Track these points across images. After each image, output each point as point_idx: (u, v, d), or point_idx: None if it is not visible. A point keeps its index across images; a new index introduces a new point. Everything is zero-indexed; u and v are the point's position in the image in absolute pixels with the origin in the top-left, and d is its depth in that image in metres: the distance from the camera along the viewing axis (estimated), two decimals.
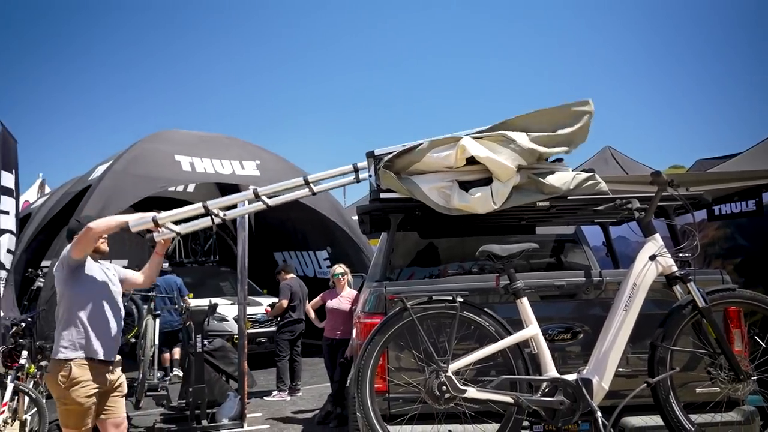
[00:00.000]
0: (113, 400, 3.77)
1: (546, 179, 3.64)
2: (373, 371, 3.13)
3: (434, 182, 3.66)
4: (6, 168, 8.02)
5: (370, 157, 3.85)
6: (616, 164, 10.01)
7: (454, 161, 3.55)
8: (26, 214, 12.81)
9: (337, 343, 6.74)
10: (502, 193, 3.56)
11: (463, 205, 3.57)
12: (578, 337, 3.58)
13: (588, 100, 3.78)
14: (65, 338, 3.60)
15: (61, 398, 3.56)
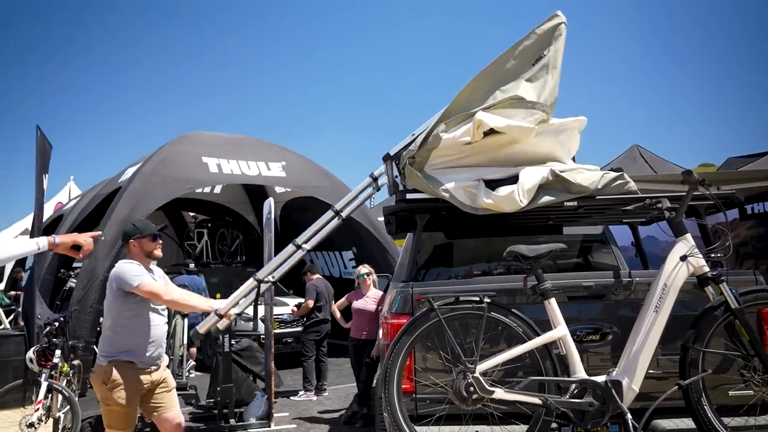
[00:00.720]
0: (160, 396, 3.84)
1: (574, 178, 3.60)
2: (400, 372, 3.13)
3: (460, 181, 3.64)
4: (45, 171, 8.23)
5: (387, 159, 3.85)
6: (644, 163, 9.88)
7: (472, 137, 3.54)
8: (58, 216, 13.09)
9: (363, 344, 6.76)
10: (529, 191, 3.54)
11: (490, 204, 3.55)
12: (607, 339, 3.54)
13: (556, 13, 3.74)
14: (109, 343, 3.70)
15: (105, 399, 3.66)
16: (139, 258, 3.82)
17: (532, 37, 3.73)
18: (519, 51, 3.71)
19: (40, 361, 5.63)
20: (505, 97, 3.63)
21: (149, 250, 3.84)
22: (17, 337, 7.60)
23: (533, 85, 3.71)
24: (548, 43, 3.73)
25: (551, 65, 3.72)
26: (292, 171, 10.85)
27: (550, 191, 3.63)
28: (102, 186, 11.76)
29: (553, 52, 3.70)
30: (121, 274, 3.65)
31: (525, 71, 3.70)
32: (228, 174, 10.33)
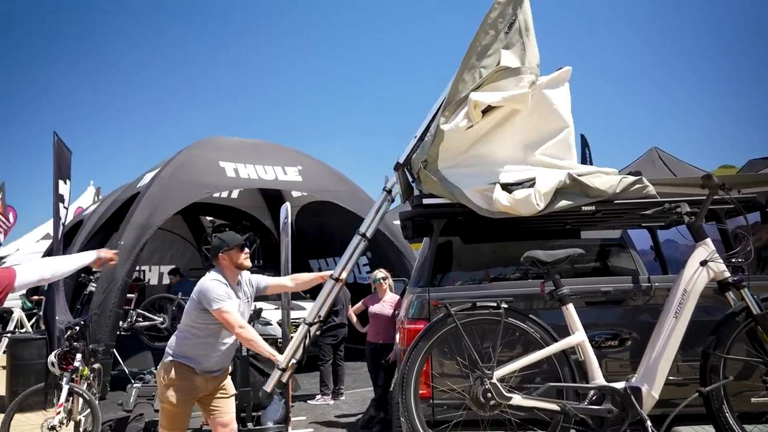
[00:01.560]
0: (218, 402, 3.92)
1: (591, 182, 3.58)
2: (417, 377, 3.13)
3: (476, 185, 3.64)
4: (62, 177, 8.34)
5: (399, 168, 3.85)
6: (663, 165, 9.79)
7: (472, 118, 3.54)
8: (79, 221, 13.25)
9: (380, 348, 6.75)
10: (546, 195, 3.52)
11: (507, 207, 3.54)
12: (626, 344, 3.51)
13: None
14: (177, 345, 3.80)
15: (160, 396, 3.79)
16: (229, 270, 3.87)
17: (497, 7, 3.74)
18: (488, 24, 3.72)
19: (61, 365, 5.69)
20: (489, 72, 3.64)
21: (238, 262, 3.88)
22: (39, 341, 7.71)
23: (512, 51, 3.72)
24: (513, 8, 3.75)
25: (523, 28, 3.74)
26: (308, 175, 10.89)
27: (568, 195, 3.60)
28: (121, 191, 11.89)
29: (522, 15, 3.74)
30: (206, 291, 3.69)
31: (500, 41, 3.71)
32: (245, 178, 10.39)
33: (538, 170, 3.68)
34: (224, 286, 3.73)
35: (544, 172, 3.64)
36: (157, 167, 10.54)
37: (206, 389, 3.83)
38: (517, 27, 3.73)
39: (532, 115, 3.72)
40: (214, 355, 3.81)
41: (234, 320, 3.64)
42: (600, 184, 3.58)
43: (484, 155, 3.71)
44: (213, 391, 3.88)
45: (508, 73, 3.60)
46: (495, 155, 3.72)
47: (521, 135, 3.76)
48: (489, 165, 3.68)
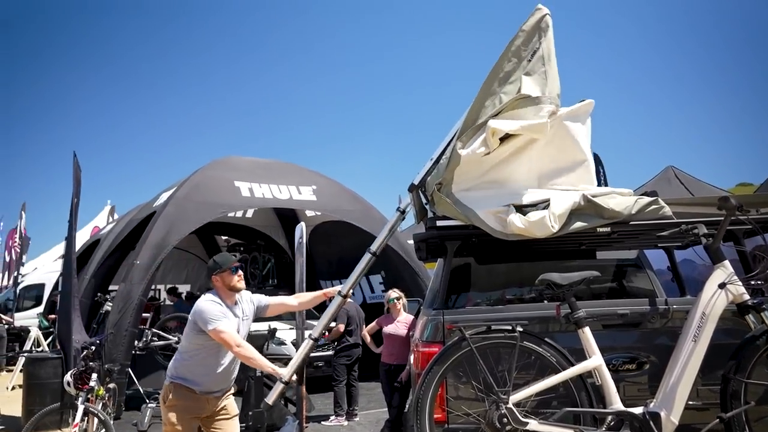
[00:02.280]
0: (220, 423, 3.92)
1: (606, 203, 3.56)
2: (432, 401, 3.11)
3: (490, 206, 3.63)
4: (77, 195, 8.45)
5: (413, 190, 3.84)
6: (679, 184, 9.71)
7: (490, 145, 3.52)
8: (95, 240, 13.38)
9: (394, 369, 6.72)
10: (561, 217, 3.50)
11: (521, 230, 3.52)
12: (644, 368, 3.45)
13: (537, 6, 3.77)
14: (176, 367, 3.84)
15: (163, 418, 3.82)
16: (223, 292, 3.93)
17: (521, 35, 3.73)
18: (512, 51, 3.71)
19: (77, 385, 5.71)
20: (509, 99, 3.64)
21: (230, 284, 3.93)
22: (55, 360, 7.74)
23: (534, 79, 3.70)
24: (538, 36, 3.75)
25: (546, 56, 3.73)
26: (322, 195, 10.94)
27: (582, 217, 3.58)
28: (137, 211, 12.01)
29: (545, 43, 3.73)
30: (201, 312, 3.74)
31: (522, 68, 3.72)
32: (260, 198, 10.46)
33: (553, 192, 3.66)
34: (219, 306, 3.78)
35: (558, 194, 3.62)
36: (172, 187, 10.64)
37: (208, 410, 3.84)
38: (540, 55, 3.73)
39: (550, 145, 3.71)
40: (214, 375, 3.83)
41: (230, 339, 3.66)
42: (615, 205, 3.55)
43: (499, 180, 3.70)
44: (215, 412, 3.89)
45: (529, 101, 3.59)
46: (510, 181, 3.71)
47: (538, 164, 3.75)
48: (503, 189, 3.67)
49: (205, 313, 3.70)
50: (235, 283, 3.94)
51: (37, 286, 17.25)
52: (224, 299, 3.89)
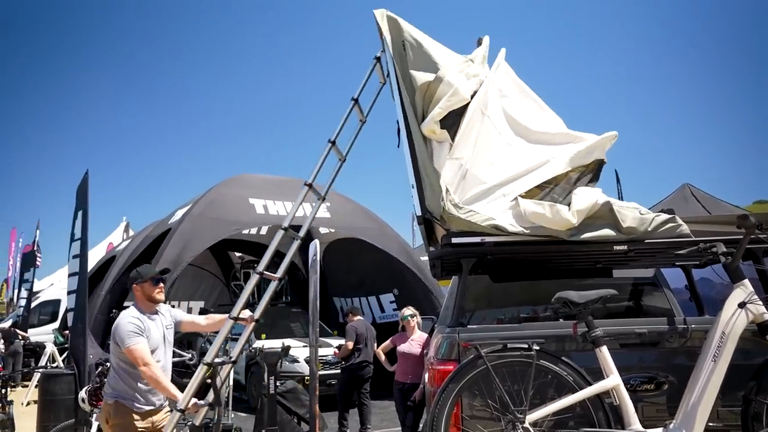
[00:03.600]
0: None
1: (625, 217, 3.53)
2: (447, 420, 3.08)
3: (500, 206, 3.67)
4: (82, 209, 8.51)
5: (423, 222, 3.86)
6: (696, 202, 9.62)
7: (440, 137, 3.81)
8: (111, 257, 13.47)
9: (408, 388, 6.66)
10: (580, 213, 3.49)
11: (538, 216, 3.53)
12: (663, 388, 3.40)
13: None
14: (113, 384, 3.91)
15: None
16: (142, 302, 4.01)
17: (381, 55, 4.24)
18: (399, 73, 4.04)
19: (91, 401, 5.71)
20: (420, 101, 3.93)
21: (150, 294, 4.01)
22: (69, 376, 7.77)
23: (422, 69, 3.93)
24: (391, 41, 4.07)
25: (415, 43, 4.04)
26: (336, 212, 10.97)
27: (598, 225, 3.56)
28: (153, 227, 12.09)
29: (407, 35, 4.04)
30: (116, 330, 3.83)
31: (404, 70, 4.01)
32: (274, 215, 10.50)
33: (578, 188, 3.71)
34: (136, 321, 3.84)
35: (583, 190, 3.65)
36: (187, 204, 10.72)
37: (146, 426, 3.87)
38: (411, 46, 3.94)
39: (496, 107, 3.91)
40: (146, 389, 3.87)
41: (140, 357, 3.71)
42: (632, 221, 3.53)
43: (489, 173, 3.79)
44: (153, 429, 3.91)
45: (434, 85, 3.78)
46: (498, 167, 3.81)
47: (504, 129, 3.94)
48: (498, 179, 3.75)
49: (120, 331, 3.79)
50: (155, 294, 4.02)
51: (53, 302, 17.37)
52: (144, 310, 3.97)
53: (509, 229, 3.55)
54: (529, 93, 4.34)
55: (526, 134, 4.04)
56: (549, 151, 3.94)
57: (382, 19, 4.11)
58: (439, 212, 3.67)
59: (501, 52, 4.35)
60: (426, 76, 3.88)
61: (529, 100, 4.30)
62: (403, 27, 4.07)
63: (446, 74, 3.84)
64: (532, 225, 3.56)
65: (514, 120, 4.04)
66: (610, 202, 3.56)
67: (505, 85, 4.22)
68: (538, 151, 3.95)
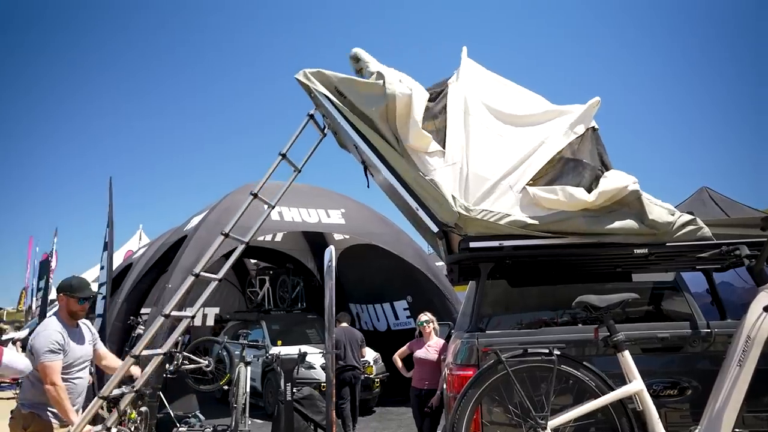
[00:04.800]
0: None
1: (651, 210, 3.48)
2: (467, 426, 3.05)
3: (514, 200, 3.64)
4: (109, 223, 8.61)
5: (443, 237, 3.82)
6: (714, 205, 9.49)
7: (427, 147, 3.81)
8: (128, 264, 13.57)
9: (425, 394, 6.63)
10: (603, 193, 3.47)
11: (552, 201, 3.51)
12: (686, 394, 3.35)
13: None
14: (27, 393, 3.95)
15: None
16: (63, 313, 4.08)
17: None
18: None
19: (109, 407, 5.74)
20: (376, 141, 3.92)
21: (73, 310, 4.09)
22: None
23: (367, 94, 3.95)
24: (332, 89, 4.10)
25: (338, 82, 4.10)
26: (351, 218, 10.96)
27: (623, 213, 3.50)
28: (169, 235, 12.16)
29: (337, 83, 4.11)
30: (37, 340, 3.87)
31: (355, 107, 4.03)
32: (289, 221, 10.52)
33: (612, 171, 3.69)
34: (57, 336, 3.89)
35: (614, 173, 3.63)
36: (203, 211, 10.77)
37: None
38: (346, 87, 4.02)
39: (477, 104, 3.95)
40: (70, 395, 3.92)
41: (50, 375, 3.76)
42: (657, 215, 3.47)
43: (489, 162, 3.77)
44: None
45: (390, 105, 3.81)
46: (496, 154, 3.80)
47: (491, 122, 3.94)
48: (503, 169, 3.72)
49: (38, 345, 3.83)
50: (76, 310, 4.09)
51: None
52: (65, 322, 4.02)
53: (528, 222, 3.50)
54: (502, 80, 4.35)
55: (514, 121, 4.01)
56: (541, 132, 3.91)
57: (307, 78, 4.14)
58: (453, 220, 3.62)
59: (463, 51, 4.35)
60: (376, 102, 3.88)
61: (505, 87, 4.31)
62: (329, 75, 4.11)
63: (396, 89, 3.83)
64: (549, 212, 3.51)
65: (498, 111, 4.02)
66: (639, 191, 3.49)
67: (478, 81, 4.22)
68: (530, 134, 3.92)
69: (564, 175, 3.69)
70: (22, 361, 3.73)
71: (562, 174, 3.71)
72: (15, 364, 3.71)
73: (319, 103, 4.20)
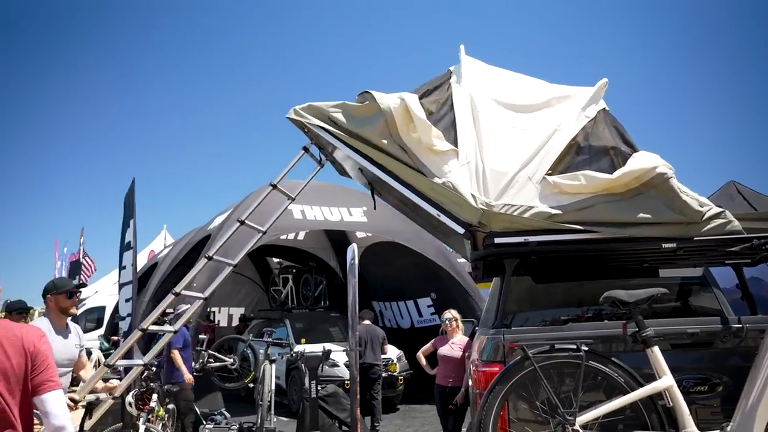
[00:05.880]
0: None
1: (681, 194, 3.41)
2: (495, 422, 3.04)
3: (533, 192, 3.62)
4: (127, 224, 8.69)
5: (471, 236, 3.77)
6: (742, 200, 9.30)
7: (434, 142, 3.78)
8: (153, 264, 13.74)
9: (449, 391, 6.59)
10: (628, 173, 3.43)
11: (573, 186, 3.49)
12: (717, 390, 3.30)
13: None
14: None
15: None
16: (54, 314, 3.99)
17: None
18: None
19: (138, 405, 5.84)
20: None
21: (64, 307, 4.00)
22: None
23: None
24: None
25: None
26: (373, 216, 10.97)
27: (648, 198, 3.45)
28: (193, 234, 12.28)
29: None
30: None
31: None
32: (311, 220, 10.57)
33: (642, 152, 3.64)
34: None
35: (643, 154, 3.58)
36: (227, 210, 10.87)
37: None
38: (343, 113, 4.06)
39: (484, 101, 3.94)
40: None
41: None
42: (690, 200, 3.41)
43: (505, 155, 3.75)
44: None
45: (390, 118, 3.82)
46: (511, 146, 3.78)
47: (501, 114, 3.92)
48: (519, 161, 3.70)
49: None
50: (67, 306, 4.00)
51: (98, 309, 17.77)
52: (54, 322, 3.95)
53: (551, 213, 3.47)
54: (503, 72, 4.34)
55: (524, 110, 3.99)
56: (552, 119, 3.88)
57: (299, 115, 4.16)
58: (477, 218, 3.61)
59: (461, 49, 4.33)
60: (374, 121, 3.89)
61: (507, 78, 4.30)
62: (321, 106, 4.12)
63: (388, 102, 3.83)
64: (572, 200, 3.47)
65: (505, 102, 4.00)
66: (669, 173, 3.41)
67: (480, 76, 4.20)
68: (542, 122, 3.88)
69: (581, 160, 3.66)
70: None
71: (579, 159, 3.67)
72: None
73: (315, 135, 4.21)
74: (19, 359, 2.25)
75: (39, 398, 2.30)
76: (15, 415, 2.23)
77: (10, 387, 2.23)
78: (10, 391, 2.23)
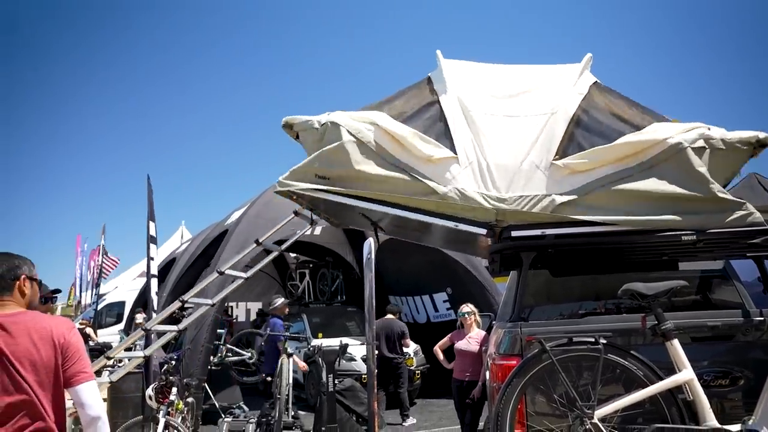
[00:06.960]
0: None
1: (701, 164, 3.30)
2: (512, 416, 3.03)
3: (543, 182, 3.57)
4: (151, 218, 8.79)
5: (495, 235, 3.73)
6: (763, 192, 9.20)
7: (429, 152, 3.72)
8: (171, 259, 13.87)
9: (466, 385, 6.59)
10: (636, 144, 3.37)
11: (581, 164, 3.46)
12: (738, 383, 3.27)
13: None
14: None
15: None
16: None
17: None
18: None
19: (158, 398, 5.89)
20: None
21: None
22: (137, 375, 8.01)
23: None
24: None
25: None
26: None
27: (667, 171, 3.36)
28: (210, 229, 12.37)
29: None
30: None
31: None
32: None
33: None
34: None
35: (658, 125, 3.52)
36: (244, 206, 10.93)
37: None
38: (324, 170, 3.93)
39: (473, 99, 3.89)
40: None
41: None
42: (709, 172, 3.31)
43: (506, 147, 3.72)
44: None
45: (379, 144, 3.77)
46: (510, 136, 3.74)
47: (494, 107, 3.88)
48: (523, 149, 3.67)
49: None
50: (42, 311, 4.00)
51: (118, 304, 18.00)
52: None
53: (566, 200, 3.44)
54: (484, 66, 4.32)
55: (515, 97, 3.96)
56: (545, 101, 3.83)
57: (284, 185, 4.03)
58: (493, 217, 3.60)
59: (438, 54, 4.27)
60: (363, 153, 3.80)
61: (490, 70, 4.27)
62: (303, 166, 4.00)
63: (361, 128, 3.78)
64: (586, 181, 3.43)
65: (496, 96, 3.97)
66: (684, 143, 3.30)
67: (463, 76, 4.16)
68: (536, 106, 3.84)
69: (587, 136, 3.64)
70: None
71: (585, 136, 3.64)
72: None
73: (305, 198, 4.17)
74: (48, 351, 2.28)
75: (73, 389, 2.34)
76: (45, 407, 2.26)
77: (39, 379, 2.26)
78: (40, 383, 2.26)
